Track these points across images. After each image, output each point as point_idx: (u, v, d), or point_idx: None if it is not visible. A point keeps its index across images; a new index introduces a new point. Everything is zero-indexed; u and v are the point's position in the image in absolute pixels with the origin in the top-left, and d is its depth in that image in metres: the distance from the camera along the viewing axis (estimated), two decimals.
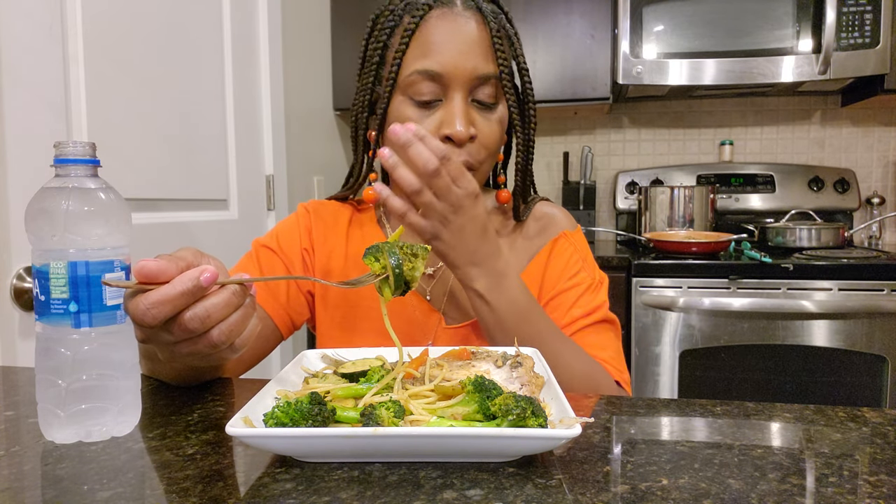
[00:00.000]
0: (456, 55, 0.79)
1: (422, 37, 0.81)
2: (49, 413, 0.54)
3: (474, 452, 0.48)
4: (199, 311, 0.50)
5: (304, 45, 2.14)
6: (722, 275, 1.82)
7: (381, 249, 0.60)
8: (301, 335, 2.15)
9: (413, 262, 0.60)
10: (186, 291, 0.49)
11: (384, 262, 0.60)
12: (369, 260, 0.60)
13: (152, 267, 0.49)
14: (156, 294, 0.48)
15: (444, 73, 0.79)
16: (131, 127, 1.35)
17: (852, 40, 1.99)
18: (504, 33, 0.84)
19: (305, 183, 2.14)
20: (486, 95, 0.82)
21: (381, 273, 0.60)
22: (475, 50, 0.80)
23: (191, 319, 0.50)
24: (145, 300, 0.48)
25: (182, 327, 0.50)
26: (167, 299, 0.48)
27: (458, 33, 0.80)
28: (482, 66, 0.80)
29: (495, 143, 0.84)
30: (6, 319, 1.08)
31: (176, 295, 0.48)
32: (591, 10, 2.21)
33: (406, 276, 0.60)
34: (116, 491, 0.45)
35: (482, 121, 0.82)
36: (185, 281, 0.49)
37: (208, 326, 0.51)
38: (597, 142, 2.64)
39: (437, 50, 0.80)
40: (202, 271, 0.49)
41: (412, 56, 0.81)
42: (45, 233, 0.52)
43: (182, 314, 0.50)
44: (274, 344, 0.90)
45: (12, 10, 1.08)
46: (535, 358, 0.65)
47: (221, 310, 0.51)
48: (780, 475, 0.46)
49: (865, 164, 2.46)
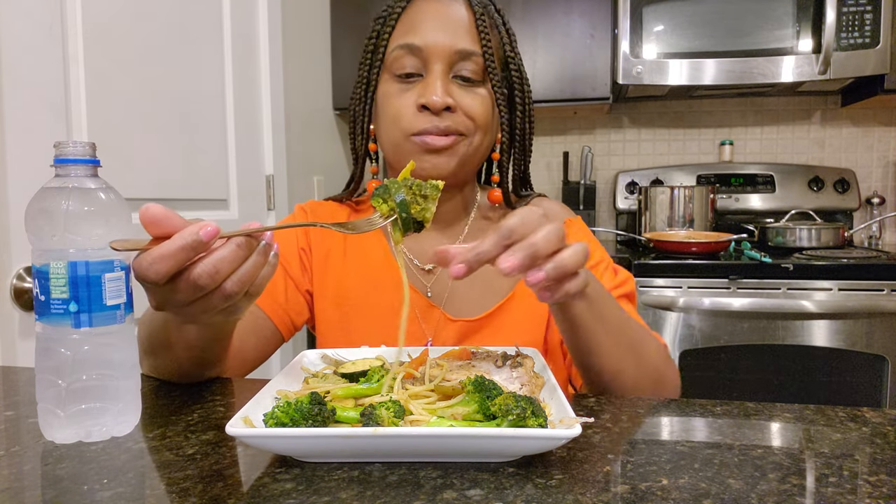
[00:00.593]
0: (437, 31, 0.82)
1: (407, 18, 0.84)
2: (49, 413, 0.54)
3: (474, 452, 0.48)
4: (208, 266, 0.50)
5: (304, 45, 2.14)
6: (722, 275, 1.82)
7: (389, 189, 0.58)
8: (301, 335, 2.15)
9: (422, 204, 0.58)
10: (186, 246, 0.48)
11: (392, 203, 0.58)
12: (377, 202, 0.59)
13: (157, 211, 0.50)
14: (157, 249, 0.48)
15: (424, 47, 0.81)
16: (131, 127, 1.35)
17: (852, 40, 1.99)
18: (489, 17, 0.85)
19: (305, 183, 2.13)
20: (469, 72, 0.83)
21: (389, 214, 0.58)
22: (457, 28, 0.82)
23: (199, 275, 0.49)
24: (147, 256, 0.48)
25: (191, 283, 0.50)
26: (168, 254, 0.48)
27: (440, 13, 0.83)
28: (462, 42, 0.82)
29: (481, 116, 0.83)
30: (6, 319, 1.08)
31: (176, 249, 0.48)
32: (591, 9, 2.21)
33: (416, 216, 0.58)
34: (116, 491, 0.45)
35: (463, 93, 0.83)
36: (185, 236, 0.48)
37: (219, 281, 0.50)
38: (597, 142, 2.63)
39: (419, 27, 0.82)
40: (202, 226, 0.49)
41: (396, 35, 0.84)
42: (45, 233, 0.52)
43: (190, 270, 0.50)
44: (275, 345, 0.90)
45: (12, 10, 1.08)
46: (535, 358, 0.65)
47: (229, 263, 0.51)
48: (780, 475, 0.46)
49: (865, 164, 2.46)
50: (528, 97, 0.90)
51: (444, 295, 0.89)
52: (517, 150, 0.91)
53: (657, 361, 0.74)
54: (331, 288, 0.91)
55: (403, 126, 0.82)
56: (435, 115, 0.81)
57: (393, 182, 0.58)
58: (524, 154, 0.92)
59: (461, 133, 0.82)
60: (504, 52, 0.87)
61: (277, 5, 1.88)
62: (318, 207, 0.97)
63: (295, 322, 0.91)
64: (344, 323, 0.90)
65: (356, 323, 0.89)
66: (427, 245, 0.92)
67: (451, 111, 0.81)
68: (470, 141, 0.83)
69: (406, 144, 0.83)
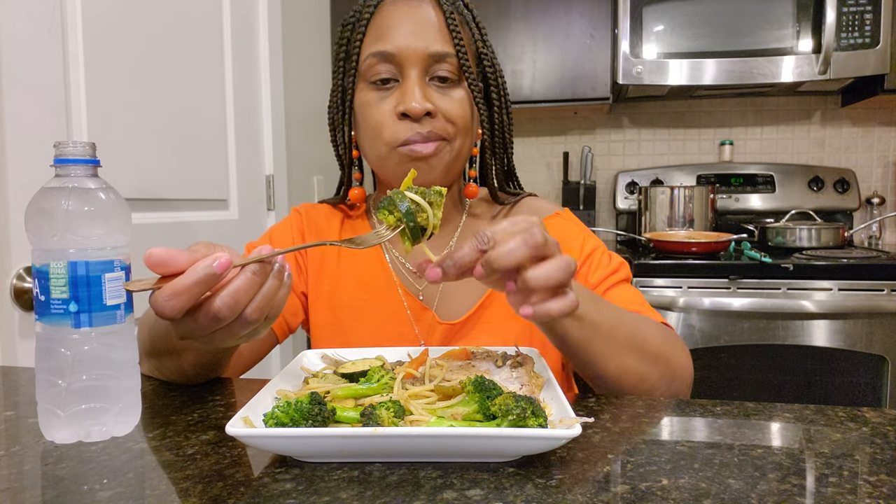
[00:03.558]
0: (408, 36, 0.81)
1: (376, 23, 0.83)
2: (49, 413, 0.54)
3: (474, 452, 0.48)
4: (226, 298, 0.50)
5: (304, 45, 2.14)
6: (722, 275, 1.82)
7: (394, 200, 0.58)
8: (301, 336, 2.15)
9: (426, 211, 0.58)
10: (200, 280, 0.48)
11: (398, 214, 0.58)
12: (383, 214, 0.59)
13: (160, 253, 0.49)
14: (171, 286, 0.48)
15: (397, 53, 0.81)
16: (131, 127, 1.35)
17: (852, 40, 1.99)
18: (459, 15, 0.84)
19: (305, 183, 2.13)
20: (445, 73, 0.82)
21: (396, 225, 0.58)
22: (428, 31, 0.81)
23: (220, 309, 0.49)
24: (162, 293, 0.48)
25: (212, 317, 0.50)
26: (183, 289, 0.48)
27: (409, 16, 0.82)
28: (435, 44, 0.81)
29: (460, 118, 0.83)
30: (6, 319, 1.08)
31: (190, 284, 0.48)
32: (591, 9, 2.21)
33: (422, 223, 0.58)
34: (116, 491, 0.45)
35: (441, 97, 0.82)
36: (198, 270, 0.48)
37: (238, 311, 0.51)
38: (597, 142, 2.63)
39: (390, 33, 0.81)
40: (214, 259, 0.49)
41: (368, 42, 0.83)
42: (45, 233, 0.52)
43: (209, 303, 0.49)
44: (269, 346, 0.91)
45: (12, 10, 1.08)
46: (535, 358, 0.65)
47: (247, 292, 0.51)
48: (780, 475, 0.46)
49: (865, 164, 2.46)
50: (504, 90, 0.90)
51: (435, 298, 0.89)
52: (498, 146, 0.91)
53: (660, 345, 0.73)
54: (325, 290, 0.91)
55: (387, 138, 0.81)
56: (416, 121, 0.80)
57: (397, 193, 0.58)
58: (505, 148, 0.92)
59: (443, 138, 0.82)
60: (476, 48, 0.86)
61: (277, 5, 1.88)
62: (312, 209, 0.97)
63: (290, 324, 0.92)
64: (337, 325, 0.90)
65: (349, 325, 0.89)
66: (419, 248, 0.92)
67: (431, 116, 0.80)
68: (452, 146, 0.83)
69: (392, 156, 0.82)
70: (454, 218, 0.93)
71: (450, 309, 0.88)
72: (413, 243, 0.59)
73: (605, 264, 0.87)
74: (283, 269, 0.54)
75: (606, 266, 0.87)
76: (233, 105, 1.69)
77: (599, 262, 0.87)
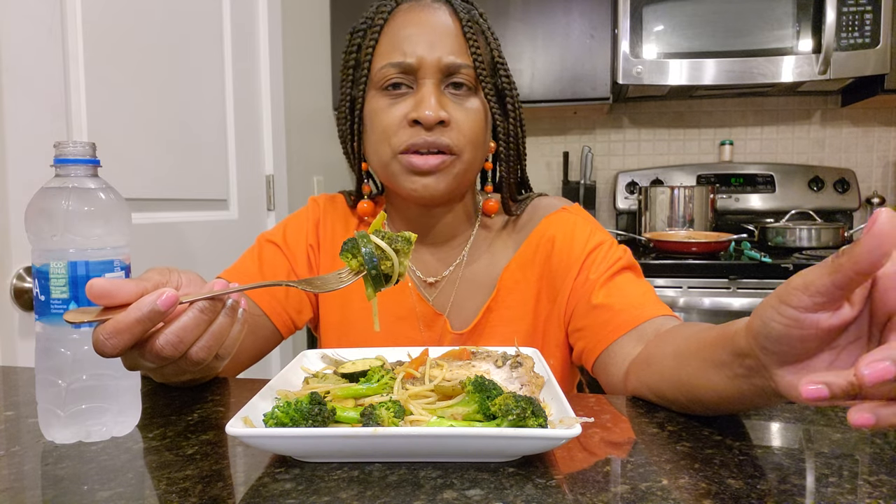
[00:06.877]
0: (425, 45, 0.79)
1: (391, 31, 0.81)
2: (49, 413, 0.54)
3: (474, 452, 0.48)
4: (170, 336, 0.48)
5: (304, 45, 2.14)
6: (722, 275, 1.82)
7: (357, 244, 0.55)
8: (301, 335, 2.15)
9: (391, 259, 0.55)
10: (143, 318, 0.46)
11: (361, 259, 0.55)
12: (346, 256, 0.56)
13: (103, 284, 0.47)
14: (111, 324, 0.46)
15: (414, 63, 0.79)
16: (131, 127, 1.35)
17: (852, 40, 1.99)
18: (475, 24, 0.83)
19: (305, 183, 2.13)
20: (461, 82, 0.80)
21: (359, 270, 0.55)
22: (444, 39, 0.79)
23: (162, 347, 0.48)
24: (102, 330, 0.46)
25: (156, 355, 0.48)
26: (124, 327, 0.46)
27: (425, 24, 0.80)
28: (452, 54, 0.79)
29: (473, 131, 0.81)
30: (6, 319, 1.08)
31: (132, 322, 0.46)
32: (591, 9, 2.21)
33: (386, 271, 0.55)
34: (116, 491, 0.45)
35: (456, 107, 0.80)
36: (140, 307, 0.46)
37: (183, 350, 0.49)
38: (597, 142, 2.63)
39: (405, 42, 0.79)
40: (159, 294, 0.46)
41: (382, 51, 0.81)
42: (45, 233, 0.52)
43: (153, 342, 0.48)
44: (273, 343, 0.89)
45: (12, 10, 1.08)
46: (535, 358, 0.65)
47: (192, 331, 0.49)
48: (780, 475, 0.46)
49: (865, 164, 2.46)
50: (518, 101, 0.88)
51: (447, 307, 0.88)
52: (512, 157, 0.89)
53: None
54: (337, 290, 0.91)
55: (393, 143, 0.79)
56: (426, 129, 0.78)
57: (362, 236, 0.55)
58: (519, 159, 0.90)
59: (452, 152, 0.79)
60: (493, 57, 0.84)
61: (277, 5, 1.88)
62: (329, 204, 0.95)
63: (295, 321, 0.90)
64: (344, 326, 0.90)
65: (357, 326, 0.89)
66: (429, 257, 0.90)
67: (444, 125, 0.78)
68: (461, 159, 0.81)
69: (394, 164, 0.80)
70: (466, 229, 0.91)
71: (460, 315, 0.88)
72: (375, 291, 0.55)
73: (613, 253, 0.85)
74: (235, 306, 0.52)
75: (613, 254, 0.85)
76: (233, 105, 1.69)
77: (605, 255, 0.85)
